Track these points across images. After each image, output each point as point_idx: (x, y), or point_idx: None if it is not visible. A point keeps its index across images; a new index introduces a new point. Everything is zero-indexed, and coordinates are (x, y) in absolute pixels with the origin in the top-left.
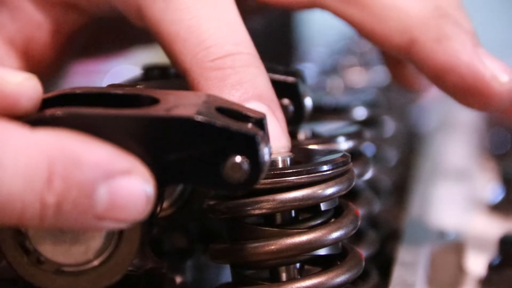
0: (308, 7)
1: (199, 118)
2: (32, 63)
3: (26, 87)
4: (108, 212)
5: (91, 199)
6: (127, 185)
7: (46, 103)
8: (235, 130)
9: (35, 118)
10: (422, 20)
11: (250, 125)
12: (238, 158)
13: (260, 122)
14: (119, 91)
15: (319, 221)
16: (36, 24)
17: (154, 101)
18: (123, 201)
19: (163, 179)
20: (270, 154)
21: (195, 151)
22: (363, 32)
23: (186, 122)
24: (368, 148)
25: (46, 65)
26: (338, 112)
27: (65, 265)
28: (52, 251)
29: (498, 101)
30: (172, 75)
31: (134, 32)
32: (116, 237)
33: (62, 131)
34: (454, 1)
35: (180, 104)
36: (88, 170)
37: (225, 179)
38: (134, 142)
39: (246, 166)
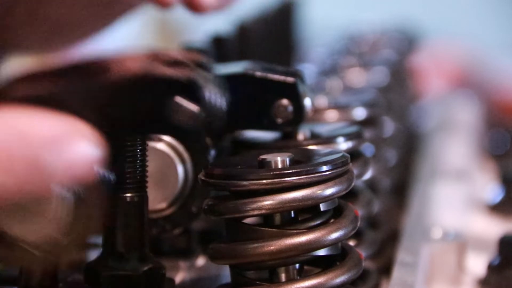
0: None
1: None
2: None
3: None
4: (63, 175)
5: (42, 169)
6: (74, 149)
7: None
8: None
9: None
10: None
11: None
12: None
13: None
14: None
15: (318, 222)
16: None
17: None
18: (72, 163)
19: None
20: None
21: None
22: None
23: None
24: (368, 149)
25: None
26: (338, 112)
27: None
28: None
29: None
30: None
31: None
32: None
33: (9, 110)
34: None
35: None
36: (34, 144)
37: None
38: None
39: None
